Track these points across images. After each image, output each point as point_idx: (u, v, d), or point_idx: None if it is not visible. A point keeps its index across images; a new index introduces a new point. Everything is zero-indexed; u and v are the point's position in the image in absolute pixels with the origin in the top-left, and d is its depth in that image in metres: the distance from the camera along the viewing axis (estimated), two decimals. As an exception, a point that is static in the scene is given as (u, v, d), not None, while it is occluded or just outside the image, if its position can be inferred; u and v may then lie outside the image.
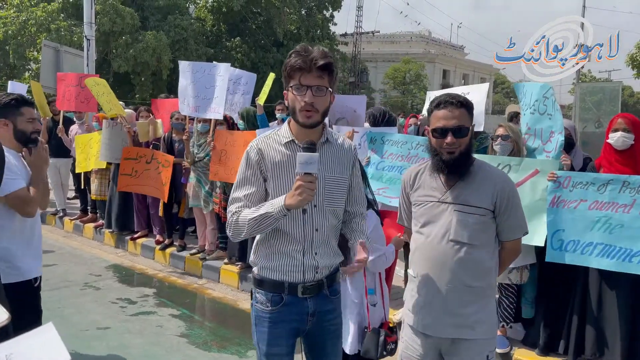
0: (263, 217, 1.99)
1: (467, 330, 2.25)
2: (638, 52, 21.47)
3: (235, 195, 2.13)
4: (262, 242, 2.18)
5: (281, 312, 2.14)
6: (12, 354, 1.18)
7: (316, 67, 1.96)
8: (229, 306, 5.31)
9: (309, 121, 2.02)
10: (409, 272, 2.45)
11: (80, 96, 7.28)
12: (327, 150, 2.15)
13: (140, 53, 22.41)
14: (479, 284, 2.25)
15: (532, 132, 3.93)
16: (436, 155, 2.27)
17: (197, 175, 6.05)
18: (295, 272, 2.11)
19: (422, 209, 2.33)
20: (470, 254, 2.22)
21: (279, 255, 2.12)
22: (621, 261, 3.29)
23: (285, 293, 2.12)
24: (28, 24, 21.40)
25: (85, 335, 4.33)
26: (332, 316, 2.25)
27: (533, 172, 3.70)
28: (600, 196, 3.41)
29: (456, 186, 2.27)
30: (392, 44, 50.37)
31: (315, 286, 2.15)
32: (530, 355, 3.91)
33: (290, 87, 2.03)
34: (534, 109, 3.89)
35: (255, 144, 2.14)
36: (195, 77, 5.90)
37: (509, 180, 2.35)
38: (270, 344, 2.15)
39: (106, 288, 5.61)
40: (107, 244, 7.43)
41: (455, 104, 2.22)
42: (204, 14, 29.40)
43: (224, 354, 4.15)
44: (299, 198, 1.90)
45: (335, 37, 34.32)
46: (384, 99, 41.08)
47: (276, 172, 2.09)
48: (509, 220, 2.28)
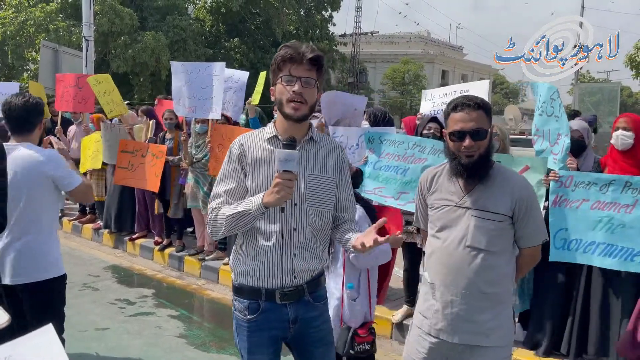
0: (240, 214, 1.96)
1: (482, 338, 2.20)
2: (637, 52, 21.49)
3: (216, 191, 2.10)
4: (240, 244, 2.14)
5: (258, 321, 2.08)
6: (12, 356, 1.18)
7: (306, 59, 1.96)
8: (228, 307, 5.31)
9: (297, 113, 1.99)
10: (424, 275, 2.40)
11: (78, 97, 7.27)
12: (312, 149, 2.11)
13: (139, 53, 22.39)
14: (496, 290, 2.20)
15: (541, 134, 3.94)
16: (454, 159, 2.21)
17: (195, 176, 6.05)
18: (271, 277, 2.05)
19: (438, 213, 2.28)
20: (487, 261, 2.18)
21: (255, 259, 2.06)
22: (623, 260, 3.30)
23: (263, 300, 2.07)
24: (27, 25, 21.36)
25: (84, 336, 4.33)
26: (318, 322, 2.17)
27: (523, 168, 3.73)
28: (602, 196, 3.41)
29: (474, 191, 2.22)
30: (391, 45, 50.38)
31: (294, 292, 2.07)
32: (529, 355, 3.91)
33: (279, 79, 2.00)
34: (542, 110, 3.90)
35: (239, 139, 2.12)
36: (190, 77, 5.87)
37: (528, 185, 2.29)
38: (251, 352, 2.11)
39: (105, 289, 5.61)
40: (105, 245, 7.43)
41: (473, 106, 2.16)
42: (203, 15, 29.39)
43: (223, 355, 4.15)
44: (276, 196, 1.85)
45: (334, 38, 34.32)
46: (382, 99, 41.09)
47: (256, 167, 2.05)
48: (529, 227, 2.22)
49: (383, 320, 4.61)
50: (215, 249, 6.28)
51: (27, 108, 2.87)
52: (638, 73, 22.28)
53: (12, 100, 2.86)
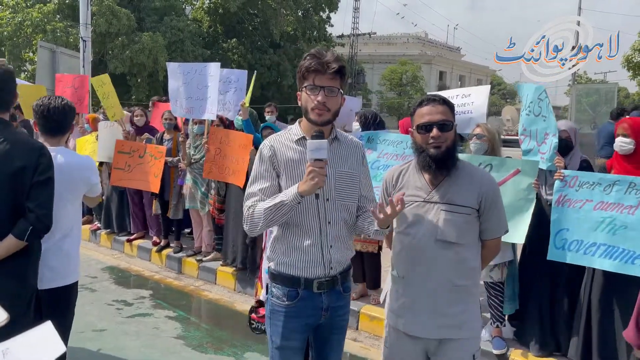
0: (277, 206, 2.08)
1: (454, 330, 2.26)
2: (633, 53, 21.55)
3: (251, 190, 2.23)
4: (279, 239, 2.26)
5: (297, 307, 2.22)
6: (8, 349, 1.18)
7: (330, 69, 2.10)
8: (226, 308, 5.30)
9: (321, 119, 2.13)
10: (392, 273, 2.44)
11: (74, 97, 7.26)
12: (336, 147, 2.26)
13: (137, 54, 22.36)
14: (466, 282, 2.27)
15: (528, 134, 3.96)
16: (422, 152, 2.28)
17: (193, 177, 6.04)
18: (310, 267, 2.19)
19: (407, 209, 2.31)
20: (458, 254, 2.23)
21: (295, 251, 2.20)
22: (623, 263, 3.28)
23: (301, 288, 2.21)
24: (24, 25, 21.32)
25: (81, 338, 4.31)
26: (342, 312, 2.35)
27: (514, 171, 3.74)
28: (606, 197, 3.41)
29: (441, 185, 2.28)
30: (389, 46, 50.46)
31: (329, 282, 2.23)
32: (525, 355, 3.91)
33: (304, 88, 2.16)
34: (530, 110, 3.91)
35: (268, 141, 2.26)
36: (186, 78, 5.86)
37: (492, 180, 2.38)
38: (284, 337, 2.24)
39: (102, 290, 5.59)
40: (103, 246, 7.41)
41: (438, 101, 2.28)
42: (201, 15, 29.38)
43: (220, 356, 4.14)
44: (311, 183, 1.99)
45: (331, 39, 34.35)
46: (380, 100, 41.14)
47: (289, 167, 2.19)
48: (493, 220, 2.31)
49: (381, 320, 4.60)
50: (213, 250, 6.27)
51: (65, 111, 2.94)
52: (635, 74, 22.34)
53: (51, 103, 2.89)
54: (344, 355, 3.23)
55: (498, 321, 4.07)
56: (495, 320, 4.06)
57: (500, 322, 4.08)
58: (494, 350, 3.97)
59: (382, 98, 41.42)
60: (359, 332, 4.70)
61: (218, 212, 5.87)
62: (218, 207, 5.85)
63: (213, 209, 5.91)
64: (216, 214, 5.90)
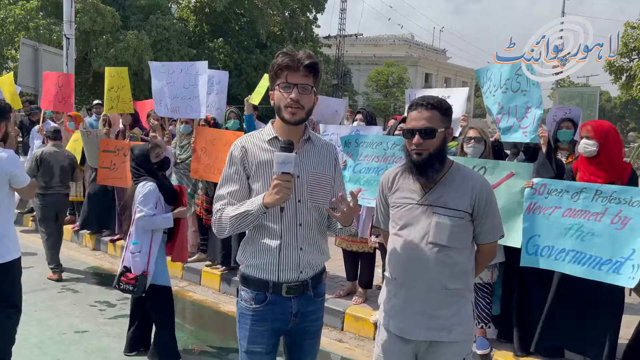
0: (243, 215, 2.06)
1: (444, 333, 2.26)
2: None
3: (219, 193, 2.18)
4: (248, 240, 2.22)
5: (264, 311, 2.17)
6: None
7: (302, 66, 2.05)
8: (210, 309, 5.27)
9: (294, 118, 2.09)
10: (385, 274, 2.45)
11: (58, 96, 7.19)
12: (310, 148, 2.23)
13: (121, 53, 22.11)
14: (458, 286, 2.27)
15: (506, 111, 3.98)
16: (408, 156, 2.30)
17: (179, 177, 6.00)
18: (279, 271, 2.14)
19: (400, 211, 2.33)
20: (450, 256, 2.24)
21: (264, 254, 2.15)
22: (591, 269, 3.35)
23: (270, 292, 2.16)
24: (6, 22, 20.95)
25: (63, 339, 4.26)
26: (314, 317, 2.29)
27: (508, 174, 3.77)
28: (574, 204, 3.48)
29: (435, 188, 2.28)
30: (375, 47, 50.58)
31: (299, 286, 2.18)
32: (508, 356, 3.95)
33: (277, 86, 2.10)
34: (506, 87, 3.94)
35: (239, 141, 2.21)
36: (171, 77, 5.82)
37: (486, 183, 2.37)
38: (251, 341, 2.19)
39: (85, 291, 5.53)
40: (85, 246, 7.32)
41: (425, 106, 2.23)
42: (187, 14, 29.17)
43: (205, 357, 4.11)
44: (276, 197, 1.95)
45: (318, 40, 34.32)
46: (366, 101, 41.24)
47: (260, 169, 2.14)
48: (487, 224, 2.31)
49: (367, 321, 4.62)
50: (198, 250, 6.22)
51: None
52: (617, 78, 22.71)
53: None
54: (328, 357, 3.24)
55: (483, 322, 4.10)
56: (480, 321, 4.09)
57: (485, 323, 4.11)
58: (477, 350, 4.00)
59: (368, 99, 41.53)
60: (344, 333, 4.70)
61: (206, 213, 5.80)
62: (206, 208, 5.79)
63: (200, 210, 5.87)
64: (204, 215, 5.84)
